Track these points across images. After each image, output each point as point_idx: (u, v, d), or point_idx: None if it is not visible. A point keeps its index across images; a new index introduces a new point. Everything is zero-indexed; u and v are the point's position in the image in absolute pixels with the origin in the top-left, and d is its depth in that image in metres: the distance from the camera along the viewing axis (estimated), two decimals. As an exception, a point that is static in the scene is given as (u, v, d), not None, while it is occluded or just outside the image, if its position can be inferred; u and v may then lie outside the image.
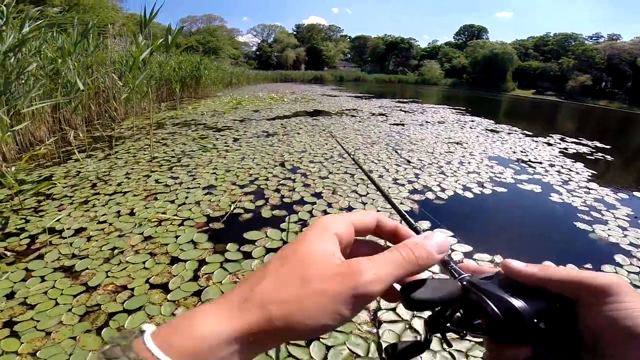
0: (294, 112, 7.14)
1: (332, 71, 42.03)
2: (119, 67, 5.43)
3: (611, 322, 0.23)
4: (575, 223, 2.39)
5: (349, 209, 2.34)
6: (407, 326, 1.33)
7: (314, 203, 2.40)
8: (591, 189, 3.14)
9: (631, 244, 2.12)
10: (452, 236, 2.03)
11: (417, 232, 0.34)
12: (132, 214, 2.11)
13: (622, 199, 2.94)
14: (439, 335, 0.27)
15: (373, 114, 7.43)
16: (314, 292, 0.20)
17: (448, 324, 0.26)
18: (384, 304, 1.43)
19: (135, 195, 2.38)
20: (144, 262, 1.63)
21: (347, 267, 0.21)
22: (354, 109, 8.20)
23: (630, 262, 1.92)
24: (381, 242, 0.29)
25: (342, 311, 0.20)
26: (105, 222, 2.00)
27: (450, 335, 0.26)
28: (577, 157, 4.54)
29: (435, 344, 1.23)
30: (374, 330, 1.30)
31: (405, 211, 2.33)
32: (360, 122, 6.20)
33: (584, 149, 5.15)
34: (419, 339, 0.28)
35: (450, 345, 0.27)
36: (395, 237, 0.28)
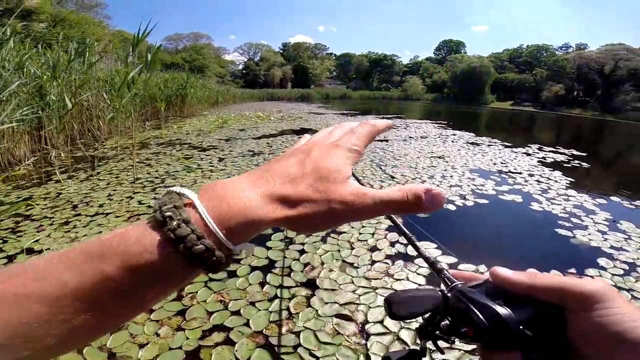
0: (281, 130, 7.21)
1: (318, 89, 42.67)
2: (104, 85, 5.37)
3: (599, 328, 0.23)
4: (556, 230, 2.47)
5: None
6: (395, 338, 1.34)
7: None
8: (570, 195, 3.26)
9: (612, 247, 2.20)
10: (436, 248, 2.07)
11: (412, 242, 0.37)
12: (114, 236, 2.07)
13: (600, 204, 3.06)
14: (430, 342, 0.28)
15: (358, 130, 7.54)
16: (329, 195, 0.23)
17: (437, 332, 0.27)
18: (370, 317, 1.44)
19: (117, 217, 2.34)
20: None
21: (361, 192, 0.24)
22: (339, 125, 8.31)
23: (613, 264, 1.98)
24: None
25: (343, 215, 0.23)
26: (85, 244, 1.95)
27: (441, 342, 0.27)
28: (555, 165, 4.72)
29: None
30: (363, 342, 1.30)
31: (390, 225, 2.38)
32: (345, 137, 6.27)
33: (561, 157, 5.36)
34: (414, 347, 0.29)
35: (442, 352, 0.28)
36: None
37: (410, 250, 2.05)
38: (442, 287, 0.29)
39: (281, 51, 55.55)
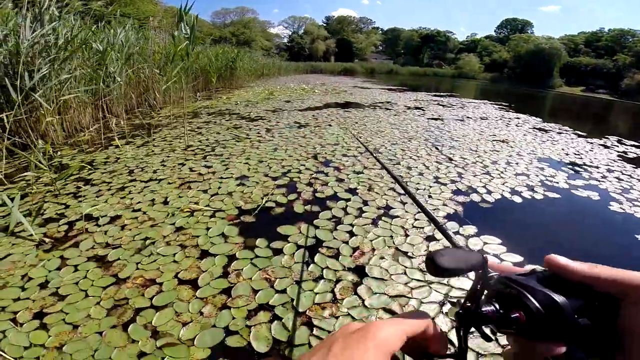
0: (325, 103, 7.00)
1: (363, 63, 41.27)
2: (159, 58, 5.57)
3: None
4: (636, 236, 2.11)
5: (387, 208, 2.19)
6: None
7: (349, 199, 2.28)
8: (657, 198, 2.77)
9: None
10: (500, 244, 1.84)
11: (443, 231, 0.40)
12: (165, 202, 2.10)
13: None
14: (472, 330, 0.26)
15: (409, 108, 7.12)
16: None
17: (483, 319, 0.25)
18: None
19: (169, 184, 2.38)
20: (174, 255, 1.59)
21: None
22: (387, 102, 7.92)
23: None
24: None
25: None
26: (139, 210, 1.99)
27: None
28: (638, 162, 4.06)
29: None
30: None
31: (449, 214, 2.16)
32: (395, 115, 5.95)
33: (647, 153, 4.60)
34: (452, 350, 0.27)
35: (489, 340, 0.26)
36: (429, 341, 0.27)
37: (473, 244, 1.84)
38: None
39: (324, 25, 54.15)
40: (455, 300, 0.29)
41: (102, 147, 3.21)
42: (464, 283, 1.50)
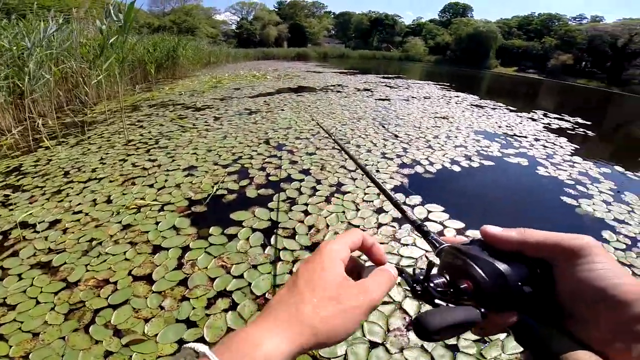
0: (277, 89, 6.91)
1: (315, 48, 40.95)
2: (87, 52, 5.08)
3: (585, 283, 0.23)
4: (562, 197, 2.40)
5: (339, 185, 2.27)
6: (397, 307, 1.30)
7: (302, 180, 2.32)
8: (575, 162, 3.17)
9: (615, 219, 2.14)
10: (444, 211, 2.01)
11: (399, 206, 0.40)
12: (109, 201, 1.99)
13: (605, 172, 2.98)
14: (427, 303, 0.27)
15: (358, 90, 7.28)
16: (347, 309, 0.25)
17: (435, 290, 0.26)
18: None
19: (111, 182, 2.24)
20: (124, 253, 1.54)
21: (363, 287, 0.27)
22: (339, 85, 8.02)
23: (617, 238, 1.92)
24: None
25: (363, 319, 0.26)
26: (80, 212, 1.87)
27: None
28: (560, 132, 4.58)
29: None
30: None
31: (396, 186, 2.30)
32: (346, 97, 6.06)
33: (567, 125, 5.20)
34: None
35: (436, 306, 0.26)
36: (370, 251, 0.32)
37: (418, 213, 1.99)
38: (430, 248, 0.31)
39: (276, 10, 52.63)
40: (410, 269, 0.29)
41: (29, 150, 2.91)
42: (413, 251, 1.62)
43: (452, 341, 1.17)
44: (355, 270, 0.31)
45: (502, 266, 0.24)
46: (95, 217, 1.82)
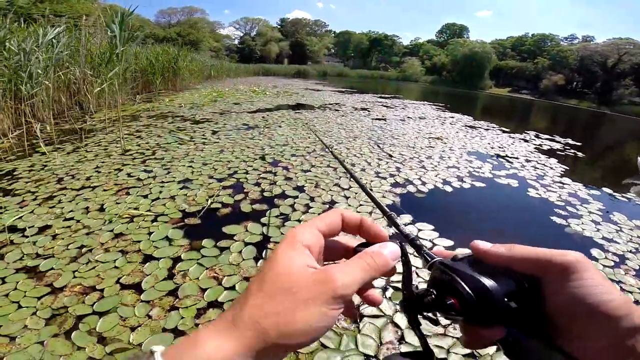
0: (276, 105, 7.03)
1: (315, 66, 41.76)
2: (93, 60, 5.17)
3: (574, 299, 0.23)
4: (551, 217, 2.45)
5: (332, 203, 2.30)
6: (388, 321, 1.31)
7: (296, 197, 2.35)
8: (565, 183, 3.25)
9: (604, 237, 2.19)
10: (433, 229, 2.04)
11: (392, 220, 0.37)
12: (101, 209, 2.00)
13: (593, 194, 3.05)
14: (416, 318, 0.27)
15: (356, 109, 7.42)
16: (300, 301, 0.22)
17: (423, 307, 0.26)
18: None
19: (105, 190, 2.25)
20: (114, 261, 1.54)
21: (324, 275, 0.23)
22: (337, 103, 8.17)
23: (605, 256, 1.97)
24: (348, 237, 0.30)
25: (328, 312, 0.22)
26: (72, 219, 1.87)
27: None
28: (551, 153, 4.70)
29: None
30: (352, 327, 1.27)
31: (387, 205, 2.33)
32: (343, 116, 6.17)
33: (557, 146, 5.34)
34: (420, 349, 0.27)
35: (436, 324, 0.29)
36: (361, 230, 0.29)
37: (409, 231, 2.01)
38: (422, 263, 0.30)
39: (279, 26, 53.87)
40: (400, 285, 0.29)
41: (25, 155, 2.92)
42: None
43: (443, 354, 1.18)
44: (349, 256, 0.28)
45: (487, 282, 0.24)
46: (87, 224, 1.82)
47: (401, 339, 1.23)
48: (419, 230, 2.04)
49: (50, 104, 4.20)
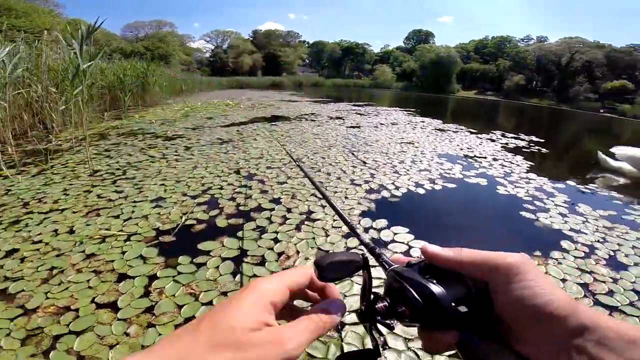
0: (251, 118, 7.02)
1: (290, 77, 41.95)
2: (56, 75, 5.00)
3: (519, 302, 0.24)
4: (521, 212, 2.57)
5: (309, 213, 2.34)
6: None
7: (273, 209, 2.37)
8: (531, 179, 3.44)
9: (572, 229, 2.31)
10: (408, 232, 2.11)
11: (352, 229, 0.38)
12: (71, 231, 1.94)
13: (558, 187, 3.24)
14: (371, 325, 0.28)
15: (331, 118, 7.55)
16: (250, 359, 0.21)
17: (378, 315, 0.27)
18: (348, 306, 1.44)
19: (74, 212, 2.18)
20: (88, 281, 1.50)
21: (277, 335, 0.23)
22: (312, 114, 8.27)
23: (575, 247, 2.07)
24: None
25: None
26: (40, 241, 1.81)
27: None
28: (516, 151, 4.97)
29: (401, 343, 1.25)
30: (335, 335, 1.30)
31: (363, 210, 2.40)
32: (318, 126, 6.26)
33: (522, 143, 5.65)
34: (369, 346, 0.28)
35: (391, 329, 0.28)
36: (322, 293, 0.30)
37: (385, 235, 2.08)
38: (367, 253, 0.30)
39: (251, 38, 53.92)
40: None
41: (-16, 180, 2.77)
42: (381, 273, 1.69)
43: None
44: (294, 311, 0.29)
45: (435, 288, 0.25)
46: (56, 246, 1.77)
47: (384, 345, 1.25)
48: (395, 233, 2.11)
49: (6, 125, 4.00)
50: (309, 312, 0.27)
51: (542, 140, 6.14)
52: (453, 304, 0.25)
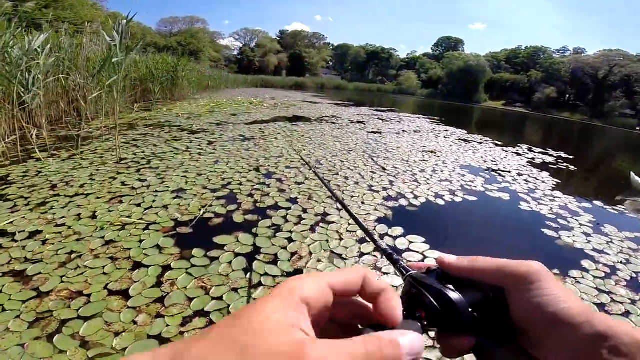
0: (273, 117, 7.10)
1: (313, 78, 42.25)
2: (94, 66, 5.23)
3: (535, 309, 0.24)
4: (542, 230, 2.48)
5: (324, 215, 2.32)
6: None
7: (289, 208, 2.37)
8: (556, 197, 3.29)
9: (594, 249, 2.22)
10: (424, 242, 2.06)
11: (369, 235, 0.37)
12: (93, 217, 2.00)
13: (584, 207, 3.09)
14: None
15: (352, 122, 7.51)
16: None
17: None
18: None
19: (98, 198, 2.26)
20: (103, 267, 1.54)
21: (295, 348, 0.16)
22: (333, 116, 8.27)
23: (596, 267, 1.99)
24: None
25: None
26: (63, 225, 1.88)
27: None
28: (543, 166, 4.77)
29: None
30: None
31: (379, 217, 2.36)
32: (339, 129, 6.25)
33: (550, 159, 5.42)
34: None
35: None
36: (377, 301, 0.23)
37: (400, 244, 2.04)
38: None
39: (278, 38, 54.69)
40: None
41: (19, 161, 2.93)
42: (394, 280, 1.66)
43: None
44: (350, 329, 0.24)
45: (452, 294, 0.25)
46: (78, 230, 1.83)
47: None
48: (410, 242, 2.06)
49: (46, 110, 4.21)
50: (370, 335, 0.19)
51: (571, 157, 5.87)
52: (470, 309, 0.25)
